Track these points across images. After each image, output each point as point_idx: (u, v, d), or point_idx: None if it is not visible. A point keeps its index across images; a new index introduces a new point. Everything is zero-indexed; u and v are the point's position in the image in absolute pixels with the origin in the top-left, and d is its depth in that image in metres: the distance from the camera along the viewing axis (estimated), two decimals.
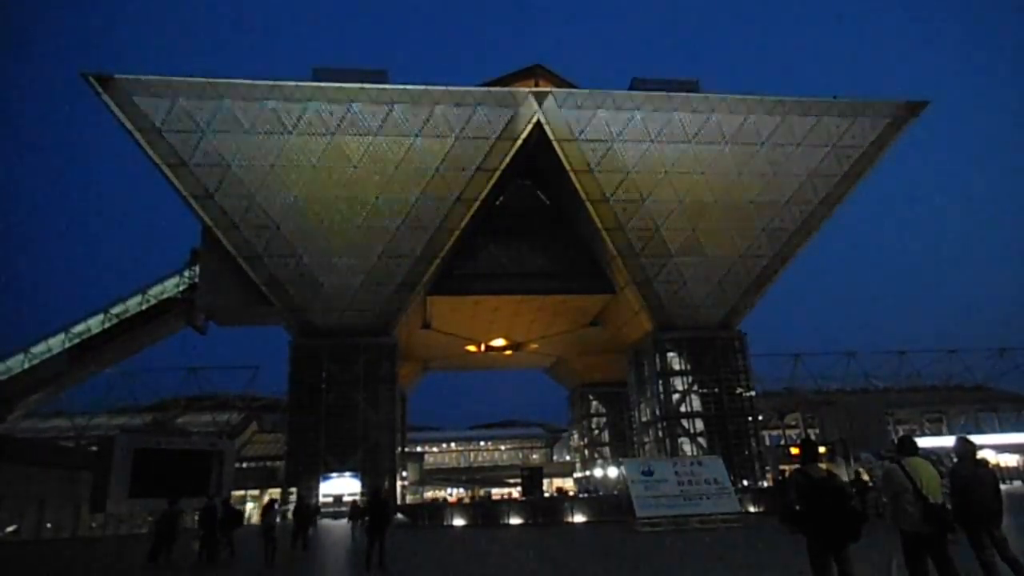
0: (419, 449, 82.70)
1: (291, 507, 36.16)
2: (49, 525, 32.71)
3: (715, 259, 43.02)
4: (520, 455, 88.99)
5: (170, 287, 46.42)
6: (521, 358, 62.10)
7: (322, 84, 38.38)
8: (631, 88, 42.09)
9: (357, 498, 34.00)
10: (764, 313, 50.18)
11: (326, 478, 38.32)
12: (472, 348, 56.70)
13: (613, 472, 53.19)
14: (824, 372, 57.45)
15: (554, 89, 41.49)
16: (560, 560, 15.27)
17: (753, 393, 45.07)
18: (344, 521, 28.79)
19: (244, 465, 50.60)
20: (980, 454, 7.72)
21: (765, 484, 40.37)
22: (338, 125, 38.48)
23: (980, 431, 52.28)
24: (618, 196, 41.26)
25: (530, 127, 39.65)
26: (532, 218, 47.47)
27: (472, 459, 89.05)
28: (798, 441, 55.15)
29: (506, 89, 41.26)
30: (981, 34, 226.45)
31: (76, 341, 45.06)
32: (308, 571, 15.68)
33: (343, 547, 20.45)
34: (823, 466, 6.31)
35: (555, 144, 39.93)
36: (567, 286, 46.08)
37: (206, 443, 34.72)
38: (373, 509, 13.56)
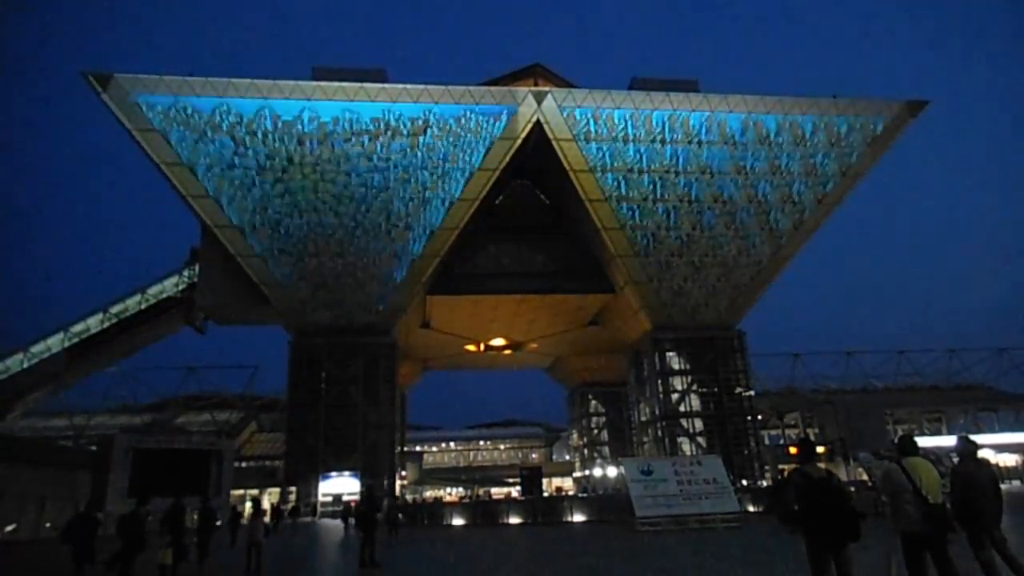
0: (418, 448, 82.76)
1: (289, 506, 36.35)
2: (48, 524, 32.64)
3: (714, 259, 43.01)
4: (519, 455, 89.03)
5: (169, 287, 46.45)
6: (520, 358, 62.07)
7: (322, 83, 38.38)
8: (631, 88, 42.11)
9: (353, 498, 34.05)
10: (764, 313, 50.28)
11: (325, 477, 38.31)
12: (472, 348, 56.68)
13: (612, 472, 53.18)
14: (823, 372, 57.58)
15: (553, 88, 41.48)
16: (556, 559, 15.25)
17: (752, 393, 45.08)
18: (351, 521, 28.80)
19: (243, 464, 50.50)
20: (979, 454, 7.70)
21: (764, 484, 40.40)
22: (338, 124, 38.47)
23: (979, 431, 52.21)
24: (618, 196, 41.27)
25: (529, 126, 39.65)
26: (532, 218, 47.47)
27: (471, 459, 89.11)
28: (797, 441, 55.14)
29: (505, 88, 41.24)
30: (980, 34, 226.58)
31: (75, 340, 45.03)
32: (295, 569, 15.47)
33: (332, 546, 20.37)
34: (822, 466, 6.30)
35: (555, 144, 39.91)
36: (567, 286, 46.04)
37: (205, 442, 34.76)
38: (365, 508, 14.24)
